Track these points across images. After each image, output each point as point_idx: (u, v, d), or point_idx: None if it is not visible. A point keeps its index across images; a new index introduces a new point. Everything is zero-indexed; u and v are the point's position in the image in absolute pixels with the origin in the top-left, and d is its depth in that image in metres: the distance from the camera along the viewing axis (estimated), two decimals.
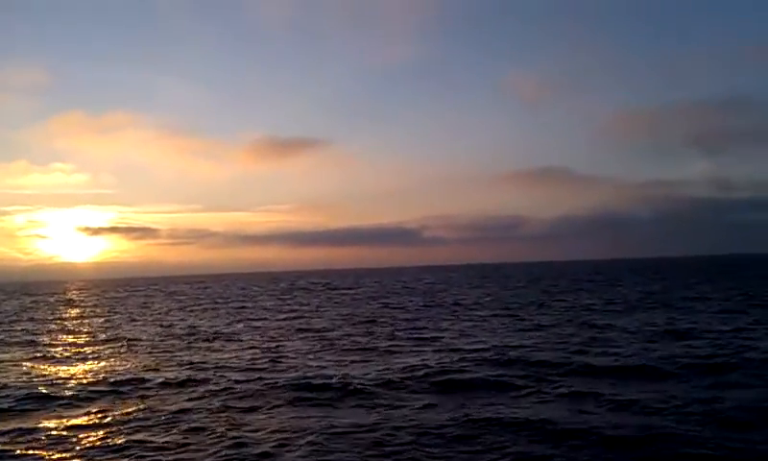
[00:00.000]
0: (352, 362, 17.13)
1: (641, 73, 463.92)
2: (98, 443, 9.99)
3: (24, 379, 16.00)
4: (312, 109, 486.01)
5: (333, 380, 14.20)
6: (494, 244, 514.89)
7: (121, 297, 69.62)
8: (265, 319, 32.92)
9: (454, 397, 12.60)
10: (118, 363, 18.43)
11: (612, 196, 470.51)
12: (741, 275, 68.35)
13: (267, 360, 17.79)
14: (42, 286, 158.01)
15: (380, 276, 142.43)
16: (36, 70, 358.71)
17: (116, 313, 41.91)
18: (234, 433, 10.17)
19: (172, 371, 16.47)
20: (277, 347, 20.78)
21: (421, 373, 14.82)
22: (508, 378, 14.00)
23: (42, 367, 18.23)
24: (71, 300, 67.81)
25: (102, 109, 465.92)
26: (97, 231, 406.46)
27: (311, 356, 18.45)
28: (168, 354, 19.81)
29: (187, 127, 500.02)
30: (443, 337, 21.90)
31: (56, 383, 15.36)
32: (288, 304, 44.90)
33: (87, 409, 12.39)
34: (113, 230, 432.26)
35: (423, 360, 16.68)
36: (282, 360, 17.76)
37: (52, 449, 9.71)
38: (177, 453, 9.30)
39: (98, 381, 15.39)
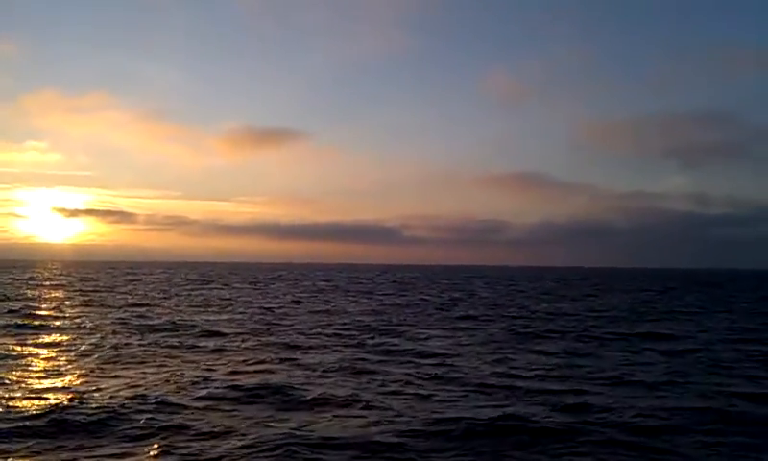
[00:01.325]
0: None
1: (623, 81, 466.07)
2: None
3: None
4: (291, 100, 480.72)
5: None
6: (474, 247, 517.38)
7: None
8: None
9: None
10: None
11: (591, 205, 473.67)
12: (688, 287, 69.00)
13: None
14: (21, 265, 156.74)
15: (350, 270, 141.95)
16: (7, 44, 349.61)
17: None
18: None
19: None
20: None
21: None
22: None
23: None
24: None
25: (76, 88, 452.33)
26: (73, 213, 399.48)
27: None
28: None
29: (164, 112, 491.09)
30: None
31: None
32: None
33: None
34: (90, 212, 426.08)
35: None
36: None
37: None
38: None
39: None
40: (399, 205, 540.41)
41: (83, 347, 18.24)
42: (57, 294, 44.26)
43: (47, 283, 60.33)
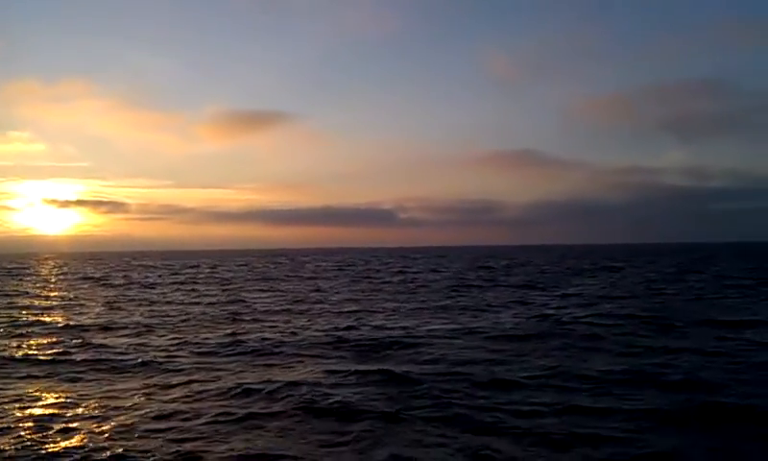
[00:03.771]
0: None
1: (618, 55, 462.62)
2: None
3: None
4: (280, 83, 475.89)
5: None
6: (471, 227, 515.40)
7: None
8: None
9: None
10: None
11: (588, 181, 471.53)
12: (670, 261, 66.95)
13: None
14: (26, 258, 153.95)
15: (342, 254, 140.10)
16: None
17: None
18: None
19: None
20: None
21: None
22: None
23: None
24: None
25: (57, 76, 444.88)
26: (65, 204, 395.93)
27: None
28: None
29: (148, 99, 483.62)
30: None
31: None
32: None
33: None
34: (81, 203, 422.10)
35: None
36: None
37: None
38: None
39: None
40: (394, 187, 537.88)
41: None
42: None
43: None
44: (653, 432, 9.01)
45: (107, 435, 9.01)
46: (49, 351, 16.01)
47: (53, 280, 50.65)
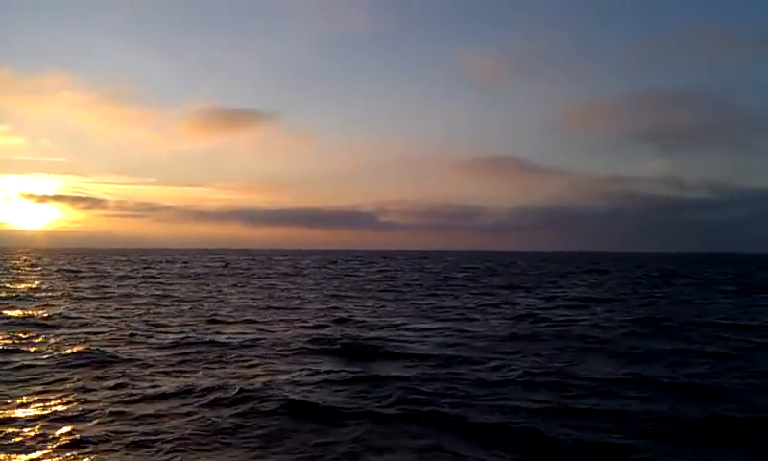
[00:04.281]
0: None
1: (599, 61, 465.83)
2: None
3: None
4: (260, 81, 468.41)
5: None
6: (451, 232, 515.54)
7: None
8: None
9: None
10: None
11: (568, 189, 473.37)
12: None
13: None
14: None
15: (314, 256, 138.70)
16: None
17: None
18: None
19: None
20: None
21: None
22: None
23: None
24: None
25: (35, 68, 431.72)
26: (42, 199, 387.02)
27: None
28: None
29: (128, 93, 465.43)
30: None
31: None
32: None
33: None
34: (59, 198, 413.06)
35: None
36: None
37: None
38: None
39: None
40: (375, 190, 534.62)
41: None
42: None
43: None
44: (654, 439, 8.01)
45: None
46: None
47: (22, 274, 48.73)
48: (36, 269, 57.90)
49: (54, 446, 7.57)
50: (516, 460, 7.39)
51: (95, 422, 8.52)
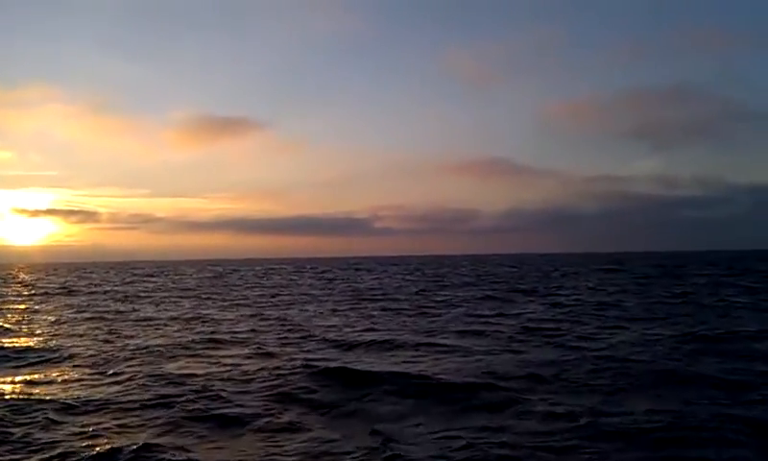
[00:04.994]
0: None
1: (588, 59, 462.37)
2: None
3: None
4: (247, 88, 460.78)
5: None
6: (447, 236, 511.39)
7: None
8: None
9: None
10: None
11: (559, 190, 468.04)
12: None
13: None
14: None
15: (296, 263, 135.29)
16: None
17: None
18: None
19: None
20: None
21: None
22: None
23: None
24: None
25: (14, 80, 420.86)
26: (35, 214, 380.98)
27: None
28: None
29: (112, 103, 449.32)
30: None
31: None
32: None
33: None
34: (51, 212, 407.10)
35: None
36: None
37: None
38: None
39: None
40: (369, 195, 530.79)
41: None
42: None
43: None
44: None
45: None
46: None
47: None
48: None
49: None
50: None
51: None
